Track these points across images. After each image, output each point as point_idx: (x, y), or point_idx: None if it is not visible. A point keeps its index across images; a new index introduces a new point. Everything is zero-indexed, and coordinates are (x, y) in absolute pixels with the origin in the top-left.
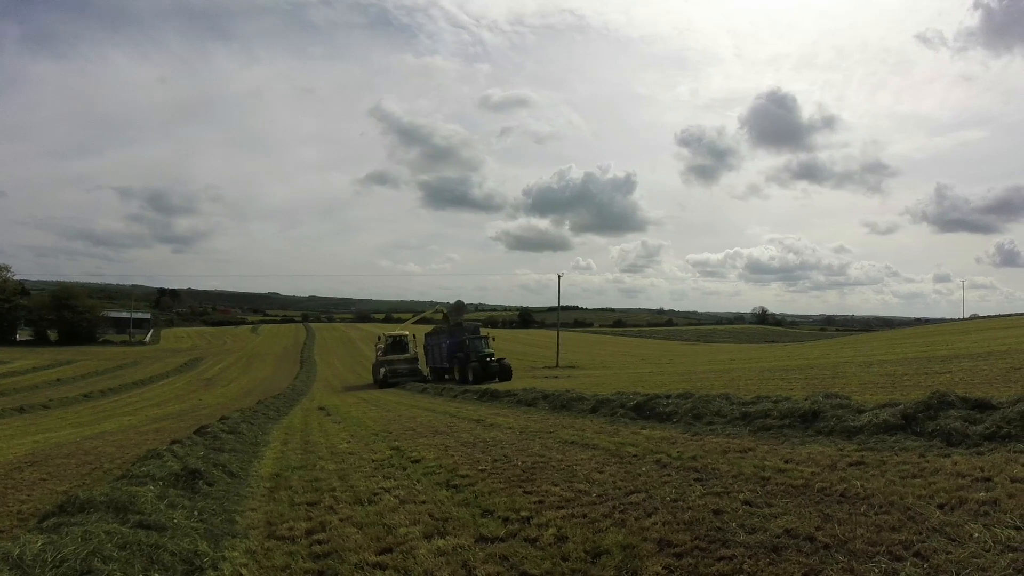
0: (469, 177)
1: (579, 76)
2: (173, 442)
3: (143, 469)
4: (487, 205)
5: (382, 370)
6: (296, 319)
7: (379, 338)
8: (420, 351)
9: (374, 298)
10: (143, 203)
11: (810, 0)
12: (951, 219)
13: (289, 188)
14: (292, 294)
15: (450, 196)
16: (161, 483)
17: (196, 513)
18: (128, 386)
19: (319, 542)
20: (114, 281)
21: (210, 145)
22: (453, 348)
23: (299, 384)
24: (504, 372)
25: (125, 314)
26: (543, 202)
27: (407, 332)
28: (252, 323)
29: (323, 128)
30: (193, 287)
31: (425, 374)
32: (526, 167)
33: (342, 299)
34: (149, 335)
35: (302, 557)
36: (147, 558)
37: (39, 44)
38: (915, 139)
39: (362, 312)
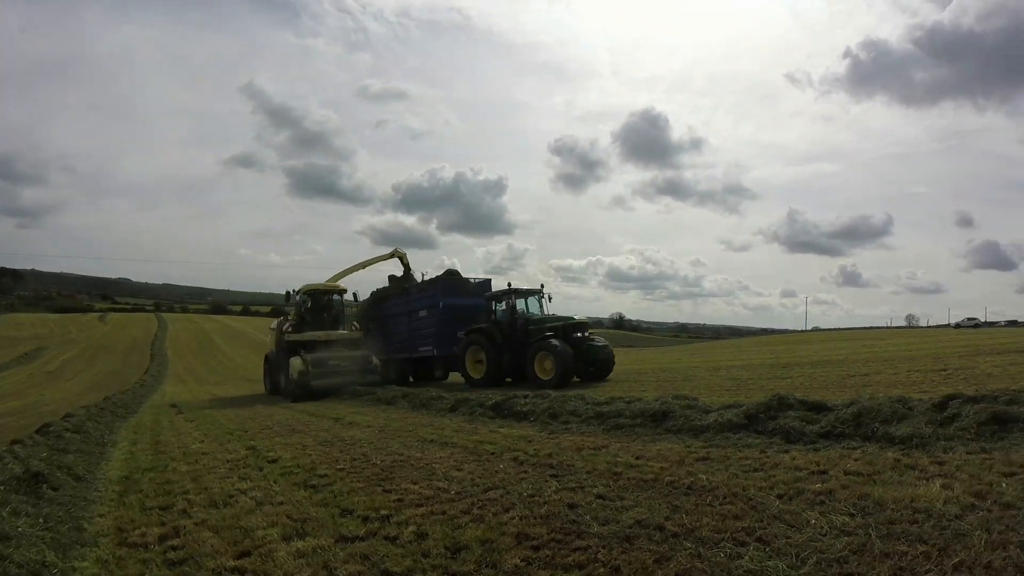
0: (339, 167)
1: (459, 75)
2: (13, 442)
3: None
4: (355, 197)
5: (298, 364)
6: (148, 308)
7: (287, 296)
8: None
9: (232, 288)
10: None
11: (689, 29)
12: (800, 241)
13: (148, 163)
14: (144, 280)
15: (318, 185)
16: (2, 488)
17: (41, 520)
18: None
19: (174, 548)
20: None
21: (67, 108)
22: (449, 316)
23: (149, 379)
24: (607, 361)
25: None
26: (412, 199)
27: (342, 287)
28: (100, 311)
29: (191, 101)
30: (37, 268)
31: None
32: (398, 161)
33: (198, 288)
34: None
35: (156, 564)
36: None
37: None
38: (773, 167)
39: (218, 303)
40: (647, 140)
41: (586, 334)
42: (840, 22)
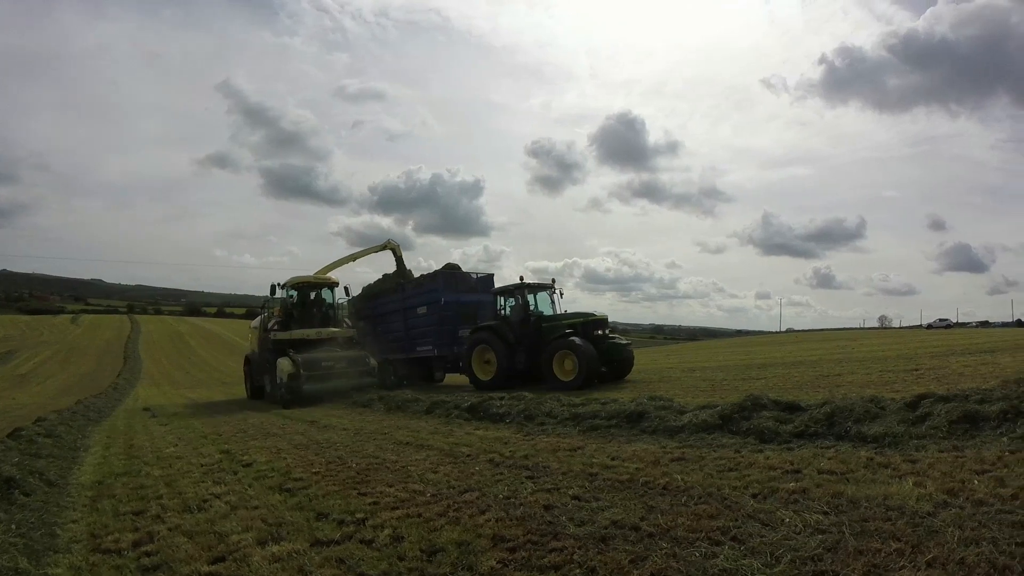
0: (315, 167)
1: (437, 77)
2: None
3: None
4: (331, 198)
5: (287, 366)
6: (121, 310)
7: (272, 290)
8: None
9: (206, 290)
10: None
11: (667, 33)
12: (775, 244)
13: (122, 162)
14: (117, 281)
15: (293, 186)
16: None
17: (13, 527)
18: None
19: (148, 554)
20: None
21: (40, 105)
22: (451, 312)
23: (122, 382)
24: (628, 361)
25: None
26: (389, 200)
27: (334, 280)
28: (72, 312)
29: (166, 99)
30: (9, 268)
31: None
32: (375, 162)
33: (172, 290)
34: None
35: (130, 571)
36: None
37: None
38: (748, 170)
39: (193, 305)
40: (624, 143)
41: (606, 331)
42: (816, 29)
